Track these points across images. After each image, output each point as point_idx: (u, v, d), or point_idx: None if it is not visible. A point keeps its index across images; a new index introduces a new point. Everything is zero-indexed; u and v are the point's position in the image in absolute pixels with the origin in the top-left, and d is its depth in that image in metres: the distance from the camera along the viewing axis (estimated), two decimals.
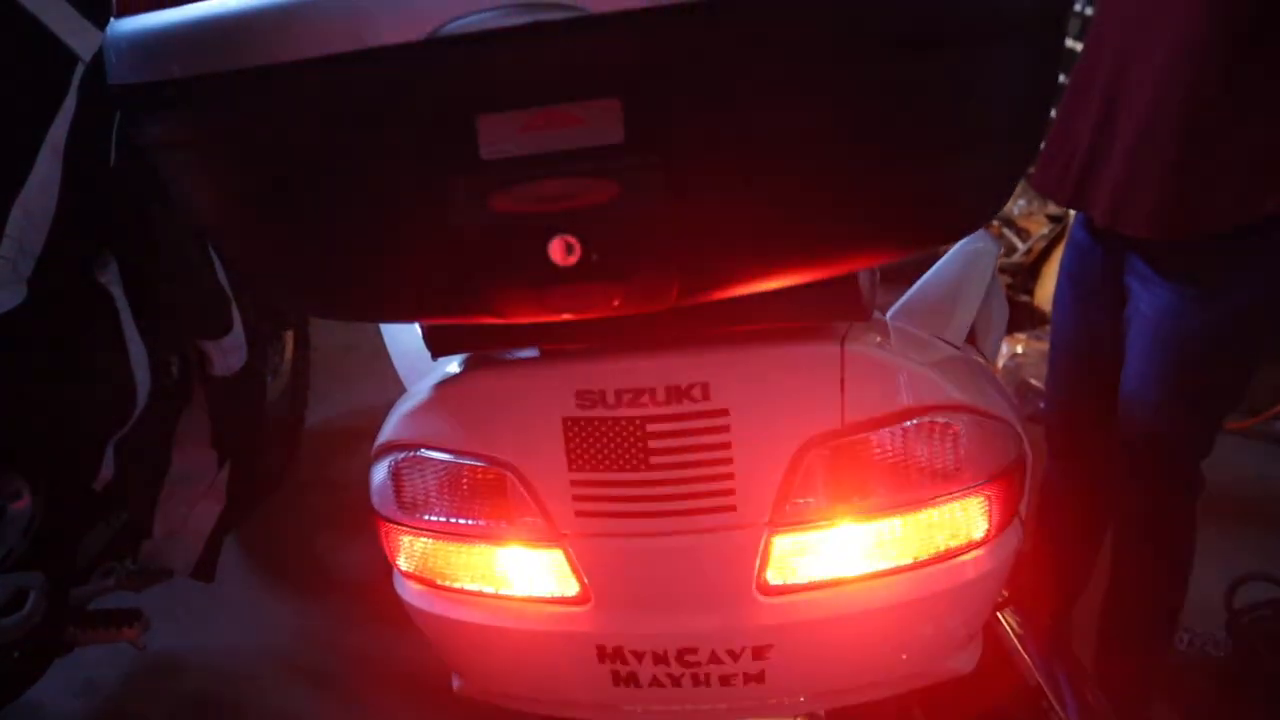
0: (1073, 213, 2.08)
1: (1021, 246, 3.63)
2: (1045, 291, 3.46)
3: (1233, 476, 2.37)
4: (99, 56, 1.61)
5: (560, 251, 0.78)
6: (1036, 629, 1.47)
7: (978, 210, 0.86)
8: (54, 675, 1.92)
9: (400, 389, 1.22)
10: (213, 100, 0.79)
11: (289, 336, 2.95)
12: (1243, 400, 1.77)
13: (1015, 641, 1.41)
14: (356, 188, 0.81)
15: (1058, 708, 1.41)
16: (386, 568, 1.19)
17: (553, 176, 0.76)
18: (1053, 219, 3.60)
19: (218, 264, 1.94)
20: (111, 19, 0.82)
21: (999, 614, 1.40)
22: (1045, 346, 2.95)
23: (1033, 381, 3.13)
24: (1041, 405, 2.04)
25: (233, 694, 2.29)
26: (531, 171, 0.76)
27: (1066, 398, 1.91)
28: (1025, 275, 3.59)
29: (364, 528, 1.21)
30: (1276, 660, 1.94)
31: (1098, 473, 1.88)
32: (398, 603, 1.18)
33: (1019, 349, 3.25)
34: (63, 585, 1.82)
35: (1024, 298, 3.54)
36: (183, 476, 2.05)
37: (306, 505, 2.92)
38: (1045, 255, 3.55)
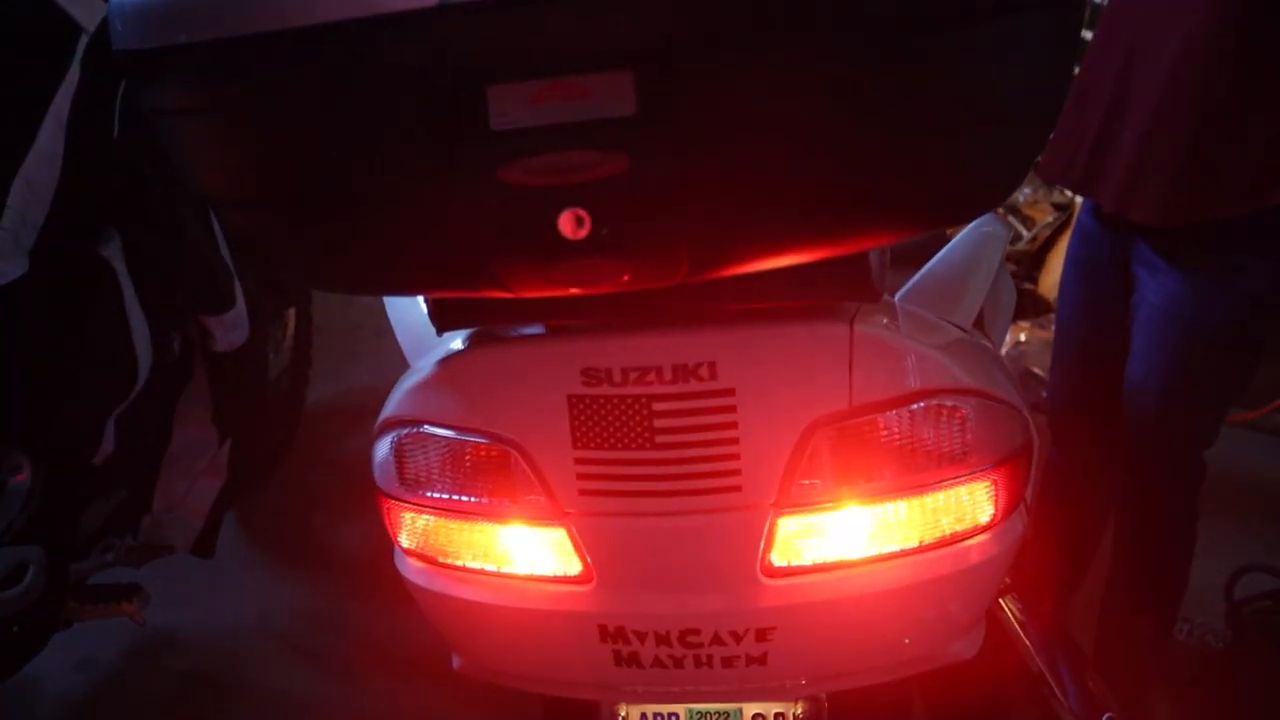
0: (1079, 201, 2.08)
1: (1026, 234, 3.61)
2: (1050, 280, 3.45)
3: (1236, 468, 2.37)
4: (103, 27, 1.60)
5: (570, 225, 0.77)
6: (1038, 616, 1.47)
7: (993, 190, 0.85)
8: (53, 650, 1.92)
9: (404, 366, 1.21)
10: (219, 67, 0.78)
11: (291, 314, 2.94)
12: (1247, 391, 1.77)
13: (1017, 628, 1.41)
14: (363, 157, 0.80)
15: (1058, 694, 1.41)
16: (387, 546, 1.19)
17: (563, 149, 0.75)
18: (1058, 207, 3.58)
19: (221, 239, 1.93)
20: None
21: (1001, 600, 1.40)
22: (1049, 335, 2.95)
23: (1036, 370, 3.12)
24: (1044, 394, 2.03)
25: (231, 670, 2.29)
26: (542, 144, 0.75)
27: (1070, 386, 1.91)
28: (1030, 263, 3.57)
29: (364, 506, 1.21)
30: (1275, 652, 1.94)
31: (1100, 461, 1.88)
32: (397, 581, 1.18)
33: (1022, 337, 3.24)
34: (62, 560, 1.82)
35: (1028, 286, 3.52)
36: (183, 452, 2.05)
37: (307, 482, 2.92)
38: (1050, 243, 3.53)
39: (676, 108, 0.74)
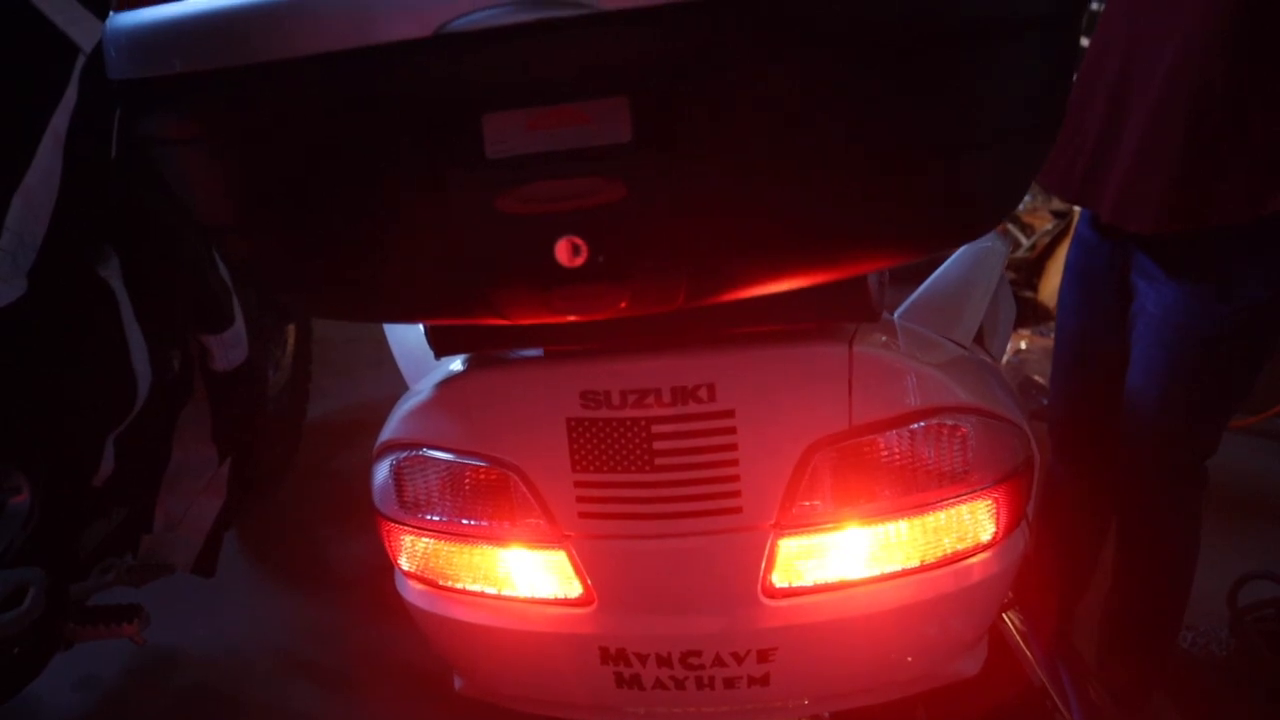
0: (1078, 209, 2.08)
1: (1026, 242, 3.61)
2: (1049, 287, 3.45)
3: (1236, 474, 2.37)
4: (100, 47, 1.60)
5: (566, 252, 0.77)
6: (1041, 629, 1.46)
7: (993, 210, 0.85)
8: (54, 670, 1.92)
9: (403, 384, 1.21)
10: (214, 97, 0.78)
11: (291, 330, 2.94)
12: (1248, 398, 1.76)
13: (1020, 642, 1.40)
14: (360, 187, 0.80)
15: (1062, 709, 1.40)
16: (387, 563, 1.19)
17: (559, 176, 0.75)
18: (1057, 215, 3.59)
19: (219, 258, 1.93)
20: (111, 13, 0.81)
21: (1003, 615, 1.39)
22: (1049, 343, 2.95)
23: (1036, 378, 3.12)
24: (1045, 402, 2.03)
25: (232, 689, 2.28)
26: (538, 171, 0.75)
27: (1071, 395, 1.90)
28: (1029, 271, 3.58)
29: (365, 522, 1.21)
30: (1279, 659, 1.93)
31: (1101, 470, 1.87)
32: (398, 598, 1.18)
33: (1023, 345, 3.24)
34: (62, 581, 1.82)
35: (1028, 294, 3.53)
36: (183, 471, 2.04)
37: (308, 499, 2.92)
38: (1049, 251, 3.54)
39: (672, 133, 0.74)
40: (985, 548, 1.04)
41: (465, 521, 1.08)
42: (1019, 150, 0.81)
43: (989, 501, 1.02)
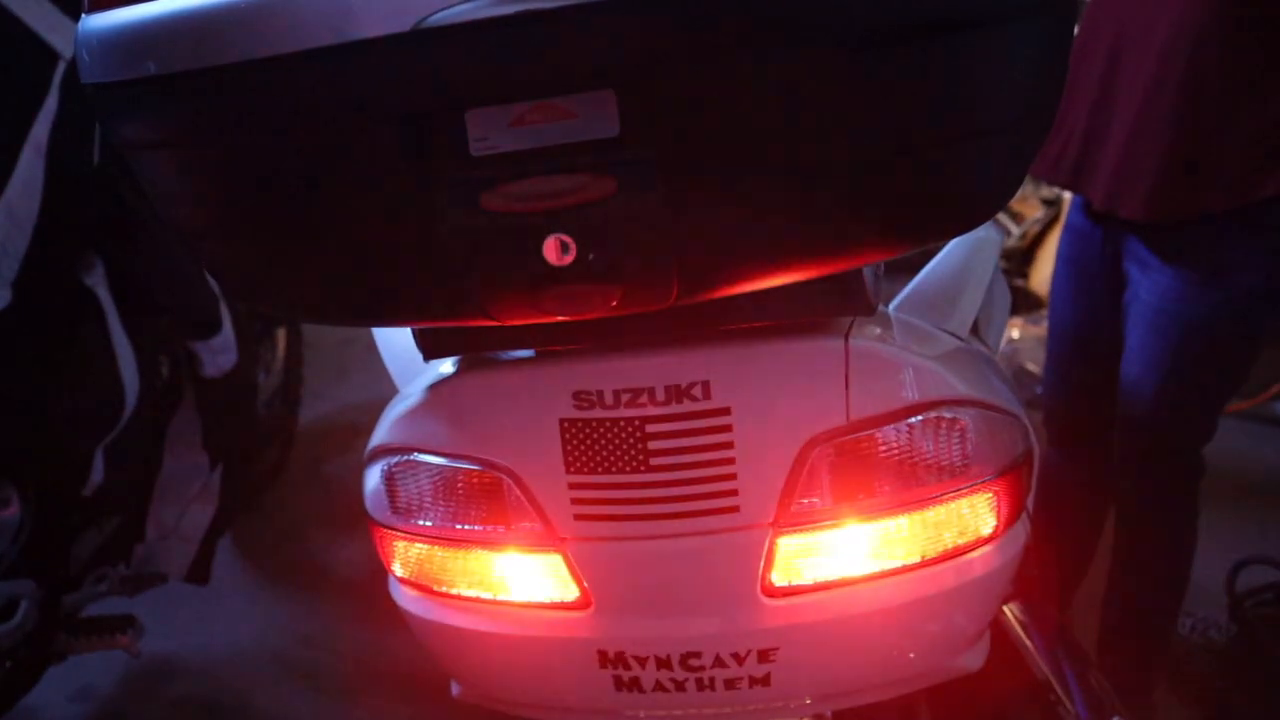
0: (1068, 196, 2.07)
1: (1016, 230, 3.61)
2: (1041, 276, 3.45)
3: (1232, 459, 2.36)
4: None
5: (555, 251, 0.75)
6: (1040, 620, 1.46)
7: (990, 200, 0.83)
8: (48, 682, 1.91)
9: (395, 386, 1.19)
10: (190, 98, 0.76)
11: (282, 333, 2.92)
12: (1243, 383, 1.76)
13: (1020, 634, 1.40)
14: (341, 188, 0.78)
15: (1065, 700, 1.39)
16: (382, 566, 1.17)
17: (546, 173, 0.74)
18: (1047, 203, 3.59)
19: None
20: (83, 15, 0.79)
21: (1004, 607, 1.39)
22: (1042, 331, 2.95)
23: (1029, 367, 3.12)
24: (1038, 390, 2.02)
25: (229, 697, 2.27)
26: (524, 168, 0.74)
27: (1065, 383, 1.90)
28: (1020, 259, 3.58)
29: (359, 525, 1.19)
30: (1279, 644, 1.93)
31: (1097, 458, 1.87)
32: (393, 602, 1.16)
33: (1015, 334, 3.24)
34: (55, 593, 1.81)
35: (1019, 282, 3.53)
36: (175, 479, 2.04)
37: (301, 503, 2.90)
38: (1040, 239, 3.54)
39: (661, 127, 0.73)
40: (986, 541, 1.03)
41: (459, 526, 1.06)
42: (1014, 140, 0.80)
43: (989, 494, 1.01)
